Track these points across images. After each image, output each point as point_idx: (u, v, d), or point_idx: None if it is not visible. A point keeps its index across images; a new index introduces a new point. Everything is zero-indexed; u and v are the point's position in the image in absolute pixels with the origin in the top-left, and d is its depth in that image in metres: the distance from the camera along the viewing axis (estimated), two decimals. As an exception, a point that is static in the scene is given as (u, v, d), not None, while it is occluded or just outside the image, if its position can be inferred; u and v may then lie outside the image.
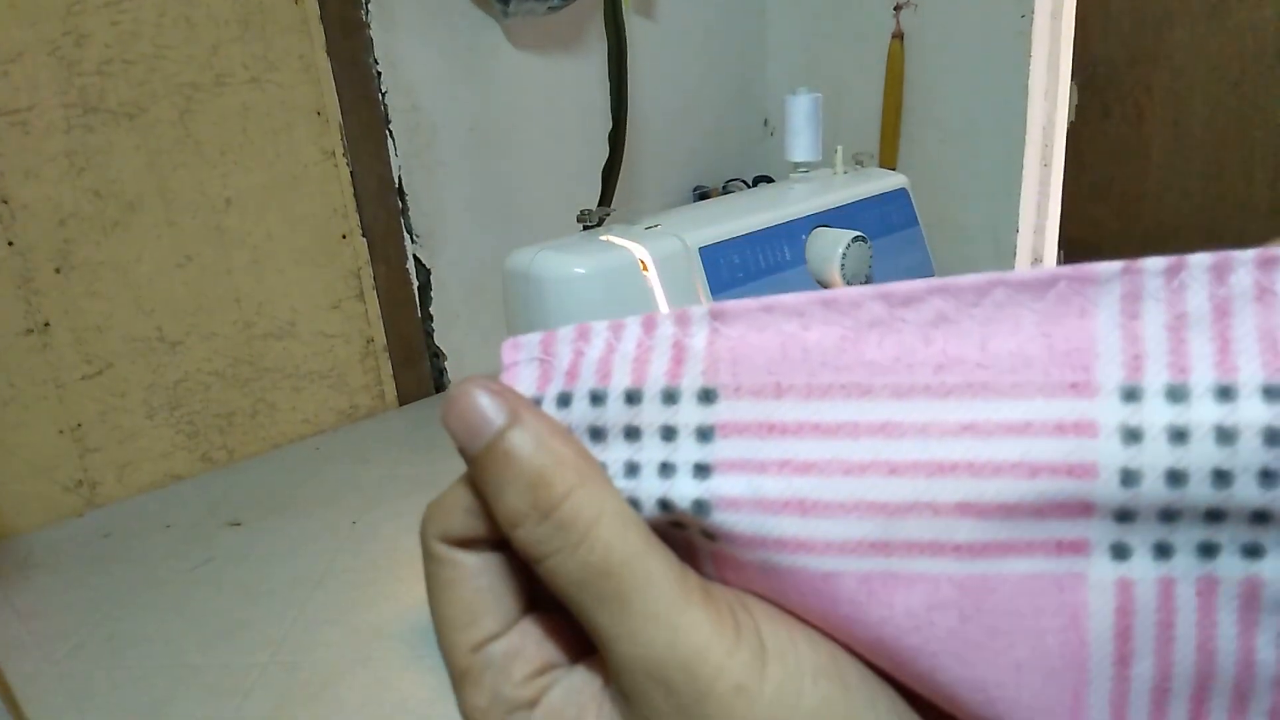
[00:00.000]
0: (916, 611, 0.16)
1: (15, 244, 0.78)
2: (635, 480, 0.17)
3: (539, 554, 0.16)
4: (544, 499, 0.16)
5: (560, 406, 0.17)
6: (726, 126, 1.37)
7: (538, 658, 0.18)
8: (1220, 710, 0.15)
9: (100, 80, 0.79)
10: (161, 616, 0.67)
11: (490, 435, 0.16)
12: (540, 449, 0.16)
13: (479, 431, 0.17)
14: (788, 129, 0.63)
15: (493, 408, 0.16)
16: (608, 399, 0.17)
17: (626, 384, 0.17)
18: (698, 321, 0.17)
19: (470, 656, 0.17)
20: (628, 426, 0.17)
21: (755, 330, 0.17)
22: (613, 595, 0.16)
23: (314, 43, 0.91)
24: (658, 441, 0.17)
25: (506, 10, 1.00)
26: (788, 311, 0.17)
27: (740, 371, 0.17)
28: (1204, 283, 0.15)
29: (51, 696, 0.59)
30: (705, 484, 0.16)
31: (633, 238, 0.53)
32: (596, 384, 0.17)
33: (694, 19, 1.27)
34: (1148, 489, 0.15)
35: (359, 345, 1.01)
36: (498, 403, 0.17)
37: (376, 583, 0.69)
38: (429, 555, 0.18)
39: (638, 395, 0.17)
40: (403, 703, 0.56)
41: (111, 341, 0.84)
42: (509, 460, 0.16)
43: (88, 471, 0.85)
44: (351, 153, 0.95)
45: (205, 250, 0.88)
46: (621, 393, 0.17)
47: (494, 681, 0.17)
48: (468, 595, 0.17)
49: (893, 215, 0.63)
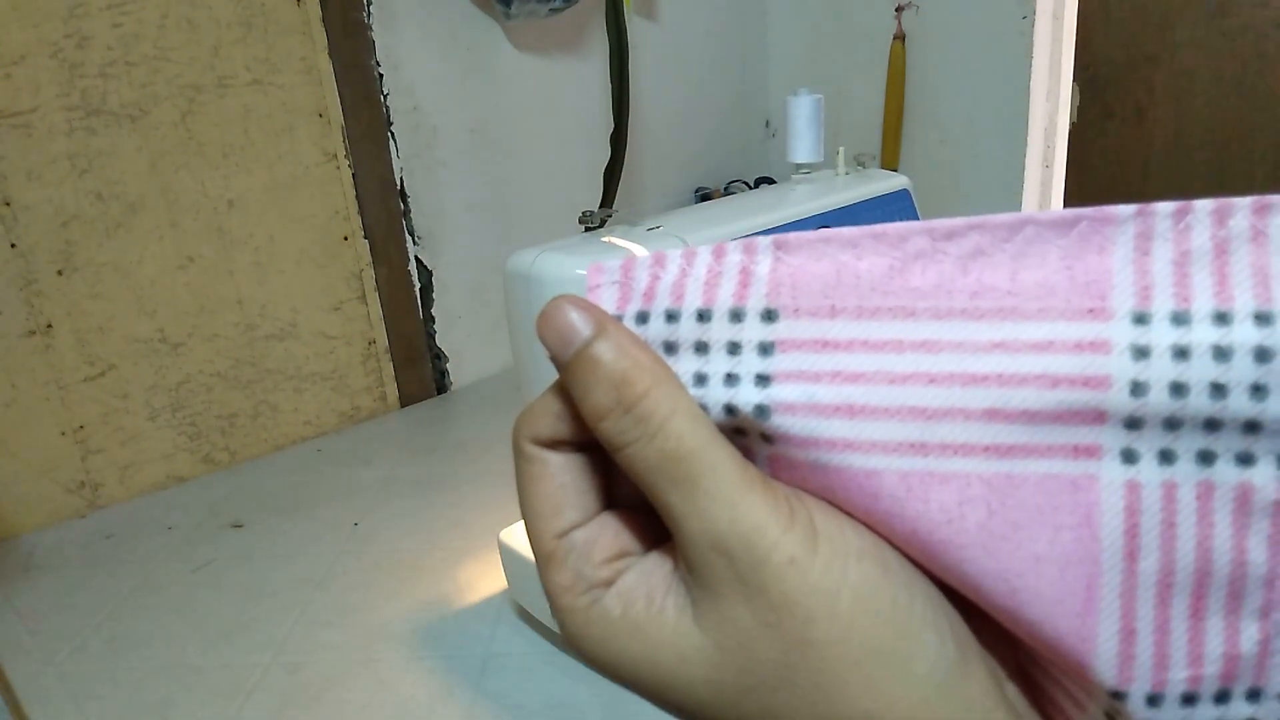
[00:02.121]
0: (949, 506, 0.17)
1: (18, 246, 0.78)
2: (704, 389, 0.19)
3: (621, 443, 0.18)
4: (627, 395, 0.18)
5: (639, 323, 0.20)
6: (728, 128, 1.37)
7: (614, 546, 0.20)
8: (1217, 605, 0.17)
9: (102, 82, 0.79)
10: (163, 617, 0.67)
11: (580, 343, 0.19)
12: (622, 354, 0.18)
13: (570, 340, 0.19)
14: (789, 130, 0.63)
15: (581, 320, 0.19)
16: (681, 317, 0.19)
17: (698, 304, 0.19)
18: (763, 250, 0.19)
19: (555, 542, 0.20)
20: (698, 341, 0.19)
21: (813, 259, 0.19)
22: (684, 478, 0.18)
23: (316, 44, 0.91)
24: (724, 355, 0.19)
25: (508, 12, 1.00)
26: (843, 243, 0.19)
27: (799, 294, 0.19)
28: (1207, 225, 0.17)
29: (53, 697, 0.59)
30: (766, 391, 0.18)
31: (634, 239, 0.53)
32: (671, 304, 0.19)
33: (696, 20, 1.27)
34: (1154, 399, 0.17)
35: (360, 347, 1.01)
36: (586, 316, 0.19)
37: (378, 584, 0.69)
38: (520, 454, 0.20)
39: (708, 314, 0.19)
40: (404, 704, 0.56)
41: (114, 343, 0.84)
42: (597, 364, 0.18)
43: (90, 473, 0.85)
44: (353, 154, 0.95)
45: (207, 252, 0.88)
46: (694, 311, 0.19)
47: (576, 563, 0.19)
48: (553, 489, 0.20)
49: (894, 216, 0.63)
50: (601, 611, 0.19)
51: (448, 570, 0.70)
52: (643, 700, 0.20)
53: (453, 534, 0.76)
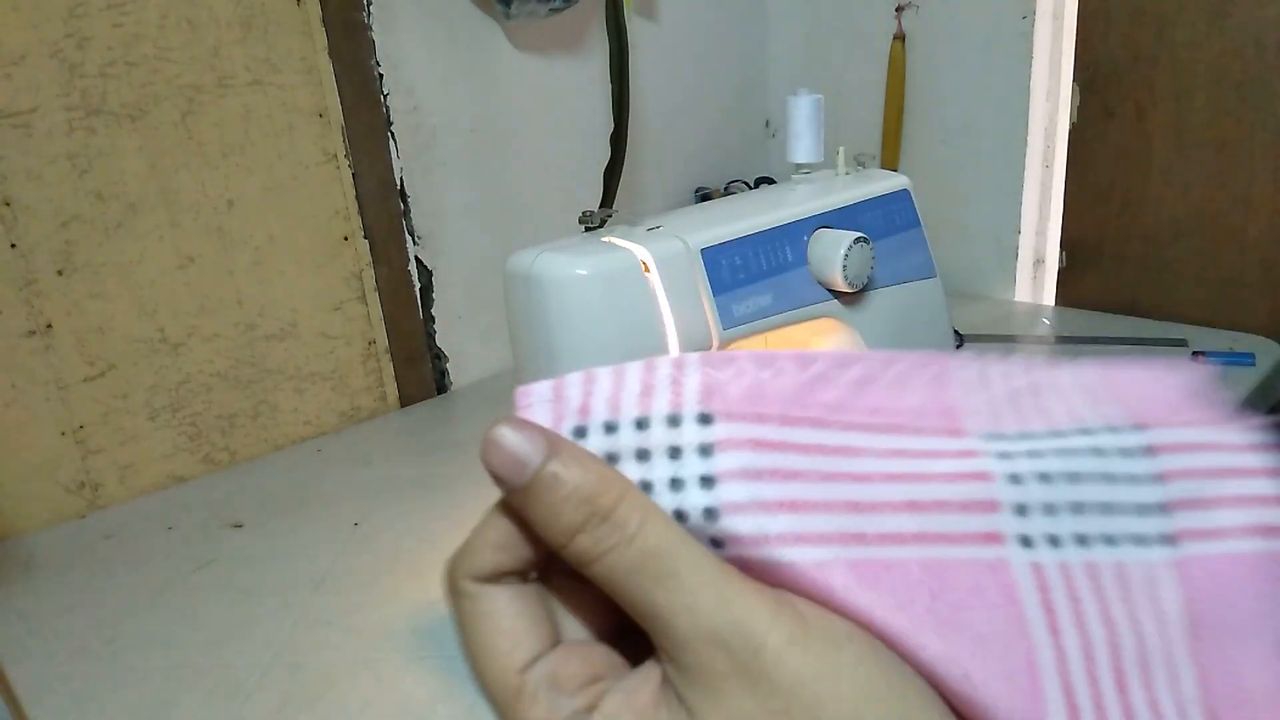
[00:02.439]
0: (898, 590, 0.18)
1: (18, 246, 0.78)
2: (650, 496, 0.19)
3: (598, 552, 0.18)
4: (601, 506, 0.18)
5: (577, 437, 0.20)
6: (728, 128, 1.37)
7: (584, 672, 0.19)
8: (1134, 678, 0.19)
9: (102, 82, 0.79)
10: (163, 618, 0.67)
11: (536, 466, 0.18)
12: (585, 469, 0.18)
13: (524, 465, 0.18)
14: (789, 130, 0.63)
15: (531, 442, 0.19)
16: (619, 427, 0.20)
17: (635, 413, 0.20)
18: (690, 365, 0.21)
19: (519, 677, 0.19)
20: (639, 449, 0.20)
21: (736, 376, 0.21)
22: (668, 573, 0.18)
23: (316, 45, 0.91)
24: (666, 460, 0.20)
25: (508, 12, 1.00)
26: (761, 363, 0.21)
27: (729, 402, 0.20)
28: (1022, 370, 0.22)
29: (53, 698, 0.59)
30: (712, 492, 0.19)
31: (634, 239, 0.53)
32: (609, 415, 0.20)
33: (695, 20, 1.27)
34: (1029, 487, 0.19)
35: (361, 347, 1.01)
36: (534, 436, 0.19)
37: (378, 584, 0.69)
38: (461, 594, 0.20)
39: (646, 421, 0.20)
40: (405, 704, 0.56)
41: (114, 343, 0.84)
42: (559, 483, 0.18)
43: (90, 473, 0.85)
44: (353, 154, 0.95)
45: (207, 252, 0.88)
46: (632, 420, 0.20)
47: (548, 695, 0.19)
48: (507, 622, 0.19)
49: (895, 216, 0.63)
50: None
51: (448, 570, 0.70)
52: None
53: (453, 534, 0.76)
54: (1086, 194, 1.14)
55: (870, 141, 1.30)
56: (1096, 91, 1.09)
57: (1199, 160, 1.03)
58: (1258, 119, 0.98)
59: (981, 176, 1.21)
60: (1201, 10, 0.99)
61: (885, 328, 0.62)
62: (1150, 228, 1.09)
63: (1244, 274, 1.04)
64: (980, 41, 1.16)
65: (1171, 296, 1.10)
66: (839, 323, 0.60)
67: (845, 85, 1.30)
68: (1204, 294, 1.07)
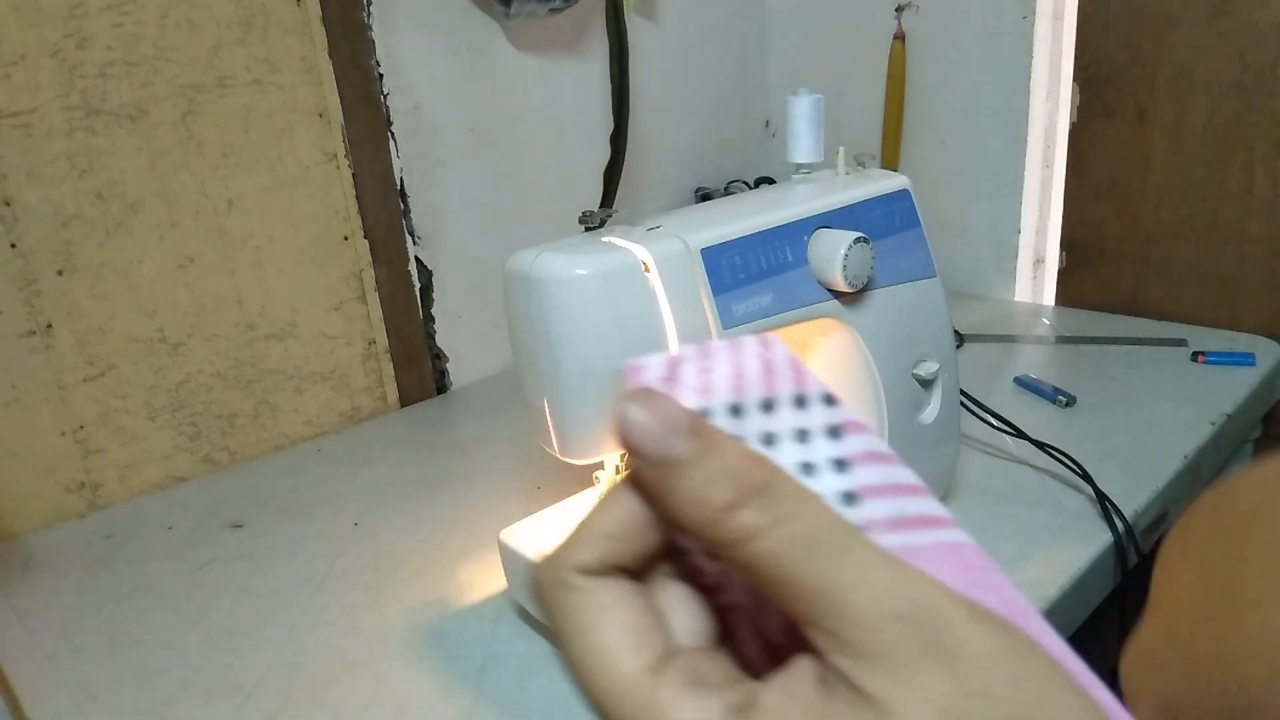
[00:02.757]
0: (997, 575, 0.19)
1: (18, 246, 0.78)
2: None
3: (754, 530, 0.16)
4: (756, 481, 0.17)
5: None
6: (728, 128, 1.37)
7: (721, 670, 0.17)
8: None
9: (102, 82, 0.79)
10: (163, 617, 0.67)
11: (684, 435, 0.17)
12: (734, 444, 0.17)
13: (668, 438, 0.17)
14: (789, 130, 0.63)
15: (675, 414, 0.17)
16: (746, 409, 0.18)
17: (760, 394, 0.19)
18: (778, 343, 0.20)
19: (652, 678, 0.17)
20: (764, 433, 0.18)
21: None
22: (839, 547, 0.16)
23: (316, 44, 0.91)
24: (793, 444, 0.18)
25: (508, 12, 1.00)
26: None
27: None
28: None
29: (53, 697, 0.59)
30: (848, 476, 0.18)
31: (634, 239, 0.53)
32: (734, 397, 0.19)
33: (695, 20, 1.27)
34: None
35: (360, 347, 1.01)
36: (676, 411, 0.17)
37: (378, 584, 0.69)
38: (568, 588, 0.17)
39: (772, 403, 0.19)
40: (405, 703, 0.56)
41: (113, 343, 0.84)
42: (712, 453, 0.17)
43: (90, 473, 0.85)
44: (353, 154, 0.95)
45: (207, 252, 0.88)
46: (757, 401, 0.19)
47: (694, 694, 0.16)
48: (629, 617, 0.17)
49: (895, 216, 0.63)
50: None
51: (448, 570, 0.70)
52: None
53: (453, 534, 0.76)
54: (1086, 194, 1.14)
55: (870, 141, 1.30)
56: (1096, 91, 1.09)
57: (1199, 160, 1.03)
58: (1258, 119, 0.98)
59: (981, 176, 1.21)
60: (1201, 10, 0.99)
61: (885, 328, 0.62)
62: (1150, 228, 1.09)
63: (1244, 274, 1.04)
64: (980, 42, 1.16)
65: (1171, 296, 1.10)
66: (839, 323, 0.60)
67: (845, 85, 1.30)
68: (1204, 294, 1.07)
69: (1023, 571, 0.63)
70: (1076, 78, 1.10)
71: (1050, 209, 1.19)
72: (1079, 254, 1.17)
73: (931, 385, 0.66)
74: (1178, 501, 0.79)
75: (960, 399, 0.70)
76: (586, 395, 0.52)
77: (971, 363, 1.02)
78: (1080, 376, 0.96)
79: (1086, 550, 0.65)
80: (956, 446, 0.70)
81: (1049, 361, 1.02)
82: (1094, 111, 1.10)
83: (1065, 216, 1.17)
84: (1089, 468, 0.73)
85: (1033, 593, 0.61)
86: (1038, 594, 0.61)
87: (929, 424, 0.66)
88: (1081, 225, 1.15)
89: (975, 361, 1.02)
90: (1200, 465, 0.81)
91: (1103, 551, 0.66)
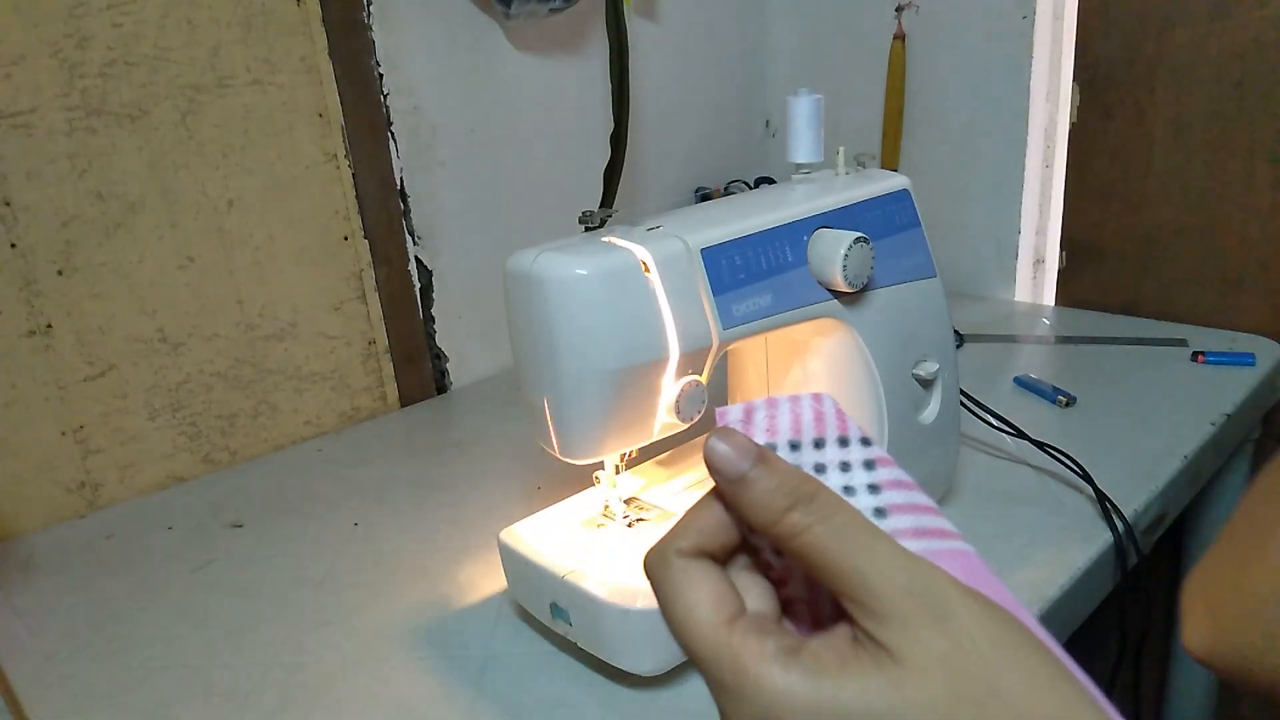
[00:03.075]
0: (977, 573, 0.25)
1: (18, 246, 0.78)
2: None
3: (803, 527, 0.23)
4: (805, 492, 0.23)
5: None
6: (728, 127, 1.37)
7: (781, 629, 0.24)
8: None
9: (102, 82, 0.79)
10: (163, 618, 0.67)
11: (749, 464, 0.24)
12: (787, 468, 0.24)
13: (739, 463, 0.24)
14: (789, 130, 0.63)
15: (744, 448, 0.24)
16: (802, 446, 0.26)
17: (813, 434, 0.26)
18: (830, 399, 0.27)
19: (729, 626, 0.23)
20: (816, 464, 0.26)
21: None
22: (866, 541, 0.22)
23: (316, 44, 0.91)
24: (839, 472, 0.25)
25: (508, 12, 1.00)
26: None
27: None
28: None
29: (53, 697, 0.59)
30: (879, 497, 0.25)
31: (634, 239, 0.53)
32: (792, 436, 0.26)
33: (695, 20, 1.27)
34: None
35: (360, 347, 1.01)
36: (746, 444, 0.24)
37: (378, 584, 0.69)
38: (671, 564, 0.24)
39: (822, 441, 0.26)
40: (404, 703, 0.56)
41: (114, 343, 0.84)
42: (773, 472, 0.24)
43: (90, 473, 0.85)
44: (353, 154, 0.95)
45: (207, 252, 0.88)
46: (811, 441, 0.26)
47: (759, 636, 0.23)
48: (715, 585, 0.24)
49: (895, 216, 0.63)
50: (800, 664, 0.22)
51: (448, 570, 0.70)
52: (643, 701, 0.21)
53: (453, 534, 0.76)
54: (1086, 194, 1.14)
55: (870, 141, 1.30)
56: (1096, 91, 1.09)
57: (1199, 160, 1.03)
58: (1258, 119, 0.98)
59: (981, 176, 1.21)
60: (1201, 10, 0.99)
61: (885, 328, 0.62)
62: (1150, 228, 1.09)
63: (1244, 274, 1.04)
64: (980, 41, 1.16)
65: (1171, 296, 1.10)
66: (839, 323, 0.60)
67: (845, 85, 1.30)
68: (1204, 294, 1.07)
69: (1023, 571, 0.63)
70: (1076, 78, 1.10)
71: (1050, 209, 1.19)
72: (1079, 254, 1.17)
73: (931, 385, 0.66)
74: (1177, 502, 0.79)
75: (960, 399, 0.70)
76: (586, 395, 0.52)
77: (971, 363, 1.02)
78: (1080, 376, 0.96)
79: (1086, 550, 0.65)
80: (956, 446, 0.70)
81: (1049, 361, 1.02)
82: (1094, 111, 1.10)
83: (1065, 216, 1.17)
84: (1089, 468, 0.73)
85: (1033, 593, 0.61)
86: (1038, 594, 0.61)
87: (929, 424, 0.66)
88: (1081, 225, 1.15)
89: (975, 361, 1.02)
90: (1200, 465, 0.81)
91: (1103, 551, 0.66)
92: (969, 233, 1.24)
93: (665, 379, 0.53)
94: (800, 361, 0.66)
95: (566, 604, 0.55)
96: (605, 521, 0.61)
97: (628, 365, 0.51)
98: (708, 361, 0.55)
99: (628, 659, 0.53)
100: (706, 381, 0.55)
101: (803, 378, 0.66)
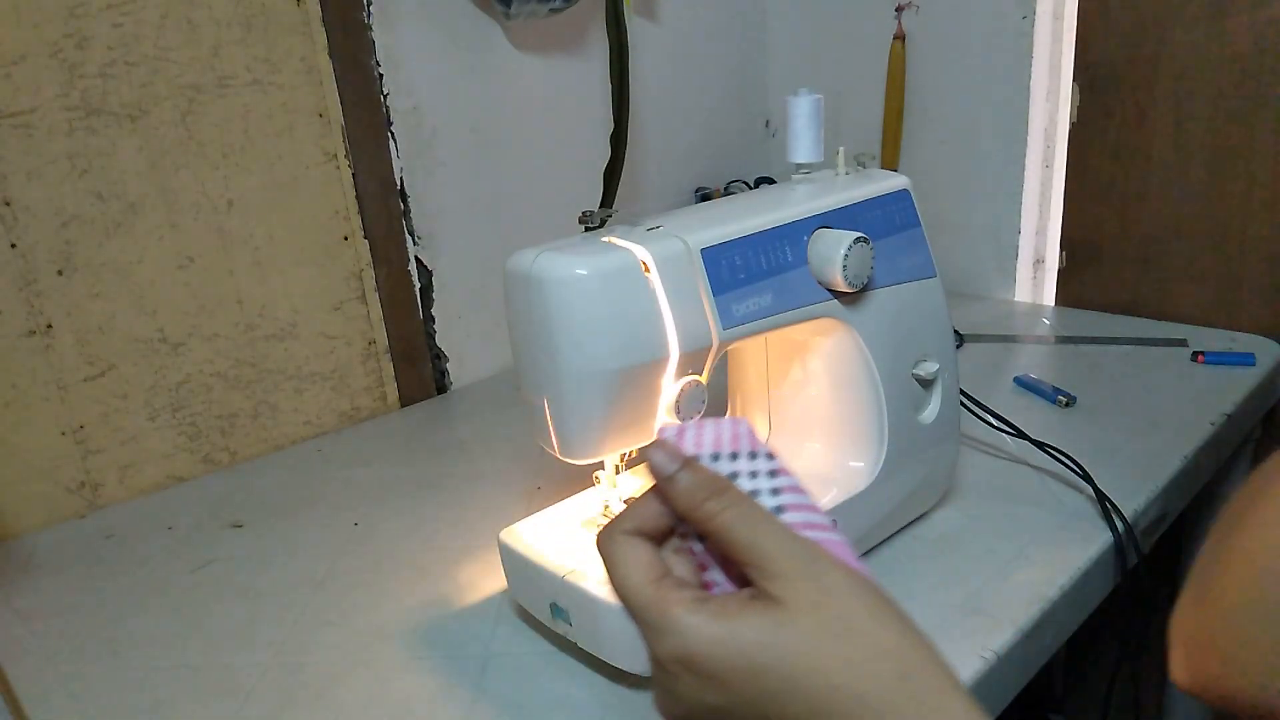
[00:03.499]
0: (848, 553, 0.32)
1: (18, 246, 0.78)
2: None
3: (718, 509, 0.31)
4: (718, 487, 0.31)
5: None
6: (728, 127, 1.37)
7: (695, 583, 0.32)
8: None
9: (102, 82, 0.79)
10: (163, 617, 0.67)
11: (679, 464, 0.32)
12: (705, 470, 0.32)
13: (670, 466, 0.32)
14: (789, 130, 0.63)
15: (676, 452, 0.33)
16: (721, 456, 0.34)
17: (730, 449, 0.34)
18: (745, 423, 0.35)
19: (656, 583, 0.31)
20: (731, 471, 0.33)
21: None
22: (763, 523, 0.30)
23: (316, 44, 0.91)
24: (749, 479, 0.33)
25: (508, 12, 1.00)
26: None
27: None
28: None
29: (53, 697, 0.59)
30: (778, 498, 0.33)
31: (634, 239, 0.53)
32: (714, 449, 0.34)
33: (695, 20, 1.27)
34: None
35: (360, 347, 1.01)
36: (676, 453, 0.32)
37: (378, 584, 0.69)
38: (615, 540, 0.32)
39: (737, 454, 0.34)
40: (404, 703, 0.56)
41: (114, 343, 0.84)
42: (695, 473, 0.32)
43: (90, 473, 0.85)
44: (353, 154, 0.95)
45: (207, 252, 0.88)
46: (729, 454, 0.34)
47: (678, 586, 0.31)
48: (648, 555, 0.32)
49: (895, 216, 0.63)
50: (708, 608, 0.30)
51: (448, 570, 0.70)
52: (642, 701, 0.23)
53: (453, 534, 0.76)
54: (1086, 194, 1.14)
55: (870, 141, 1.30)
56: (1096, 91, 1.09)
57: (1199, 160, 1.03)
58: (1258, 119, 0.98)
59: (981, 176, 1.21)
60: (1201, 10, 0.99)
61: (885, 328, 0.62)
62: (1150, 228, 1.09)
63: (1244, 274, 1.04)
64: (980, 41, 1.16)
65: (1171, 296, 1.10)
66: (839, 322, 0.60)
67: (845, 85, 1.30)
68: (1204, 294, 1.07)
69: (1023, 571, 0.63)
70: (1076, 78, 1.10)
71: (1050, 209, 1.19)
72: (1079, 254, 1.17)
73: (931, 385, 0.66)
74: (1177, 502, 0.79)
75: (960, 399, 0.70)
76: (586, 395, 0.52)
77: (971, 363, 1.02)
78: (1080, 376, 0.96)
79: (1086, 550, 0.65)
80: (956, 446, 0.70)
81: (1049, 361, 1.02)
82: (1094, 111, 1.10)
83: (1065, 216, 1.17)
84: (1089, 468, 0.73)
85: (1033, 593, 0.61)
86: (1038, 594, 0.61)
87: (929, 424, 0.66)
88: (1081, 225, 1.15)
89: (975, 361, 1.02)
90: (1200, 465, 0.81)
91: (1103, 551, 0.66)
92: (969, 233, 1.24)
93: (665, 379, 0.53)
94: (800, 361, 0.66)
95: (566, 604, 0.55)
96: (605, 521, 0.61)
97: (628, 365, 0.51)
98: (708, 361, 0.55)
99: (628, 659, 0.53)
100: (706, 381, 0.55)
101: (803, 378, 0.66)
